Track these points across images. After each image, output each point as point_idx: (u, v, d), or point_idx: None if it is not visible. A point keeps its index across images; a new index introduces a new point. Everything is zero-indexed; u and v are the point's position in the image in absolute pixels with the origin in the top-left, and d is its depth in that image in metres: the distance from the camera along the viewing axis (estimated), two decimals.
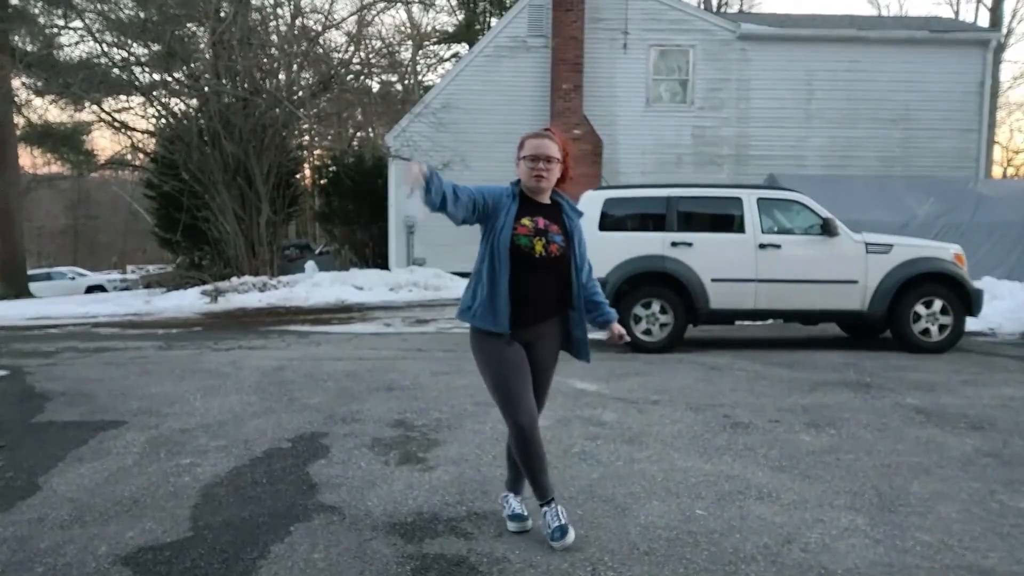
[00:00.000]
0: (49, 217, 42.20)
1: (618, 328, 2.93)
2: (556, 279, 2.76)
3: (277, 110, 16.20)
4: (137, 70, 16.80)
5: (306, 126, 19.05)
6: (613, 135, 16.78)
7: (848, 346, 7.88)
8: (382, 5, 18.85)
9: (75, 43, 18.68)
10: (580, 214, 2.89)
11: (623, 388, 5.58)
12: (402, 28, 28.47)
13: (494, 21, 25.77)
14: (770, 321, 8.61)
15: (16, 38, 18.78)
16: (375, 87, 22.03)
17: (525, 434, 2.72)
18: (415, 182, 2.44)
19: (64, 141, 21.37)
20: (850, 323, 8.18)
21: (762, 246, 7.40)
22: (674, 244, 7.42)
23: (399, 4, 19.78)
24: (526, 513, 2.95)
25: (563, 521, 2.77)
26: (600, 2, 16.66)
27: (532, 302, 2.74)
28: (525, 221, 2.71)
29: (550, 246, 2.71)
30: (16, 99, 19.45)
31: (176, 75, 16.76)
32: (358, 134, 24.02)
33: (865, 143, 16.90)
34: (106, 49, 16.70)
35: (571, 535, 2.76)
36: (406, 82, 27.28)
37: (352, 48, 18.44)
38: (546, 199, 2.82)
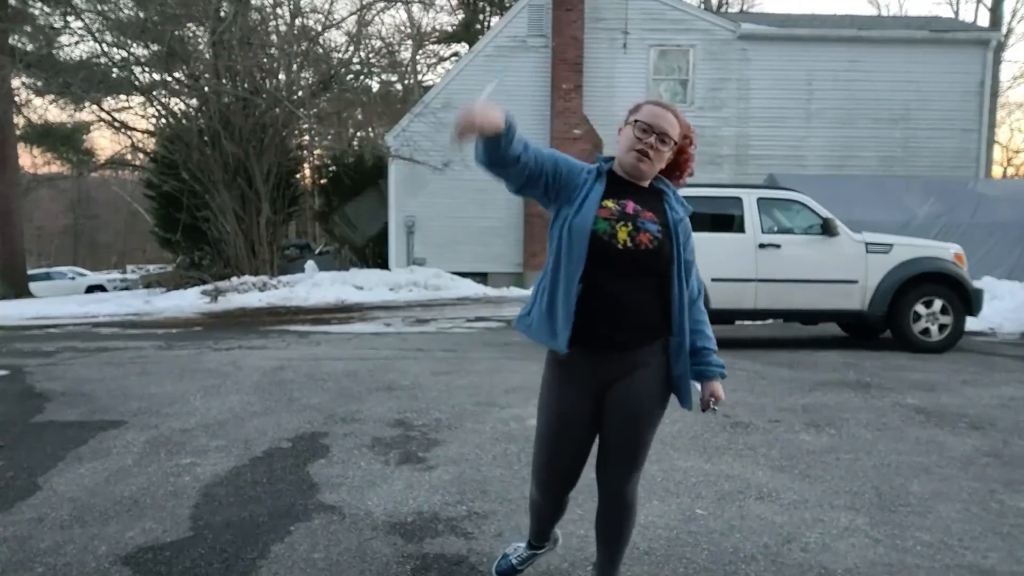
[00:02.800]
0: (49, 217, 42.25)
1: (717, 389, 2.11)
2: (650, 286, 2.03)
3: (277, 110, 16.21)
4: (137, 70, 16.83)
5: (306, 126, 19.05)
6: (613, 135, 16.71)
7: (848, 346, 7.88)
8: (382, 5, 18.90)
9: (75, 43, 18.70)
10: (688, 209, 2.14)
11: None
12: (402, 28, 28.53)
13: (494, 21, 25.78)
14: (770, 321, 8.61)
15: (16, 38, 18.79)
16: (375, 87, 22.09)
17: (542, 504, 2.29)
18: (480, 128, 1.77)
19: (64, 141, 21.40)
20: (850, 323, 8.18)
21: (762, 246, 7.39)
22: None
23: (399, 4, 19.81)
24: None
25: (518, 566, 2.45)
26: (600, 2, 16.65)
27: (614, 316, 1.99)
28: (608, 203, 2.02)
29: (639, 235, 1.99)
30: (16, 99, 19.46)
31: (176, 75, 16.78)
32: (358, 134, 24.03)
33: (865, 143, 16.90)
34: (106, 49, 16.73)
35: None
36: (406, 82, 27.30)
37: (352, 48, 18.48)
38: (643, 183, 2.12)
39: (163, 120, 17.33)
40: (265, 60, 16.98)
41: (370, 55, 19.71)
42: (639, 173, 2.08)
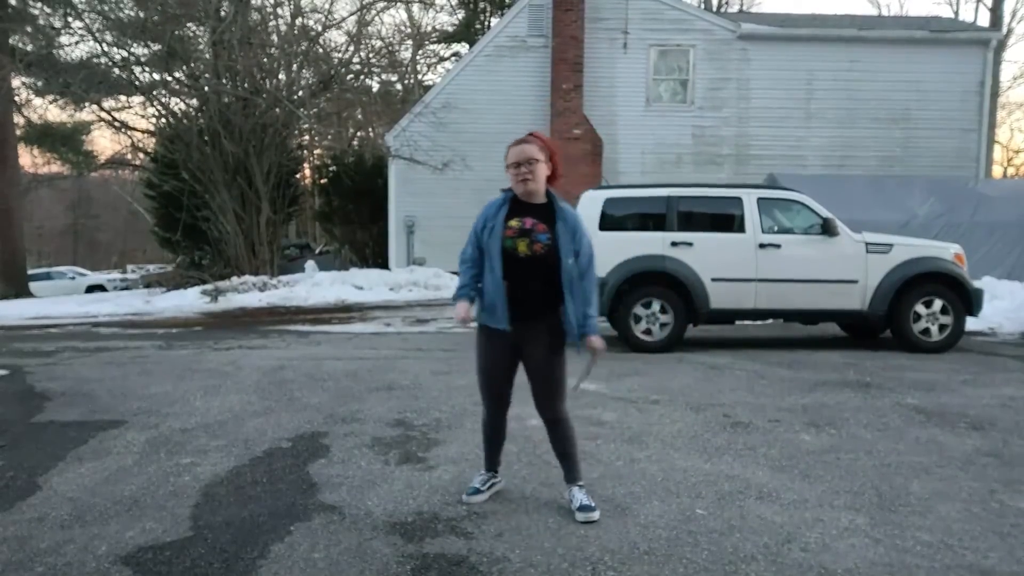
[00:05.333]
0: (49, 217, 42.24)
1: (591, 341, 2.94)
2: (546, 275, 2.91)
3: (277, 110, 16.21)
4: (137, 70, 16.82)
5: (306, 126, 19.07)
6: (613, 135, 16.78)
7: (848, 346, 7.88)
8: (382, 5, 18.90)
9: (75, 43, 18.71)
10: (573, 211, 2.99)
11: (623, 388, 5.58)
12: (402, 28, 28.55)
13: (494, 21, 25.77)
14: (770, 321, 8.61)
15: (16, 38, 18.78)
16: (375, 87, 22.09)
17: (487, 421, 3.22)
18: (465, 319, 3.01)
19: (64, 141, 21.38)
20: (850, 323, 8.17)
21: (762, 246, 7.39)
22: (674, 244, 7.42)
23: (399, 4, 19.81)
24: (593, 504, 3.06)
25: (482, 488, 3.21)
26: (600, 2, 16.65)
27: (521, 300, 2.93)
28: (512, 223, 2.93)
29: (534, 245, 2.89)
30: (16, 99, 19.43)
31: (176, 75, 16.78)
32: (358, 134, 24.03)
33: (865, 143, 16.90)
34: (106, 49, 16.72)
35: (476, 498, 3.18)
36: (406, 82, 27.31)
37: (352, 48, 18.47)
38: (538, 199, 2.98)
39: (163, 120, 17.33)
40: (265, 60, 16.97)
41: (370, 55, 19.72)
42: (531, 194, 2.96)
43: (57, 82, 16.26)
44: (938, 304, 7.35)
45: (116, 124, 17.74)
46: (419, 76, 29.02)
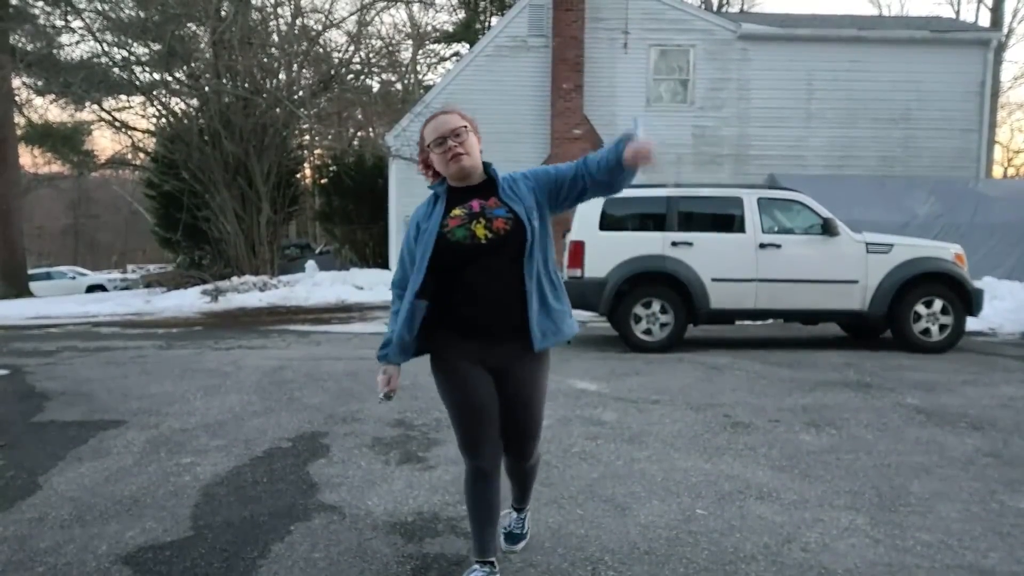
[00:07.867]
0: (49, 217, 42.24)
1: (638, 145, 2.18)
2: (515, 267, 2.20)
3: (277, 109, 16.22)
4: (137, 70, 16.85)
5: (306, 126, 19.06)
6: (613, 135, 16.68)
7: (848, 346, 7.88)
8: (382, 5, 18.90)
9: (75, 43, 18.72)
10: (514, 173, 2.32)
11: (623, 388, 5.58)
12: (402, 28, 28.51)
13: (494, 20, 25.77)
14: (770, 321, 8.61)
15: (17, 38, 18.78)
16: (375, 87, 22.07)
17: (479, 480, 2.35)
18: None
19: (64, 141, 21.35)
20: (850, 323, 8.17)
21: (762, 246, 7.39)
22: (674, 244, 7.42)
23: (399, 4, 19.81)
24: (526, 532, 2.76)
25: None
26: (600, 2, 16.64)
27: (491, 306, 2.21)
28: (456, 212, 2.21)
29: (494, 223, 2.17)
30: (16, 99, 19.44)
31: (176, 75, 16.79)
32: (358, 134, 24.02)
33: (865, 143, 16.89)
34: (106, 49, 16.74)
35: None
36: (406, 82, 27.29)
37: (352, 48, 18.48)
38: (477, 179, 2.28)
39: (163, 120, 17.35)
40: (265, 60, 16.98)
41: (370, 55, 19.73)
42: (467, 172, 2.25)
43: (57, 82, 16.28)
44: (938, 304, 7.35)
45: (116, 124, 17.78)
46: (419, 76, 29.02)
